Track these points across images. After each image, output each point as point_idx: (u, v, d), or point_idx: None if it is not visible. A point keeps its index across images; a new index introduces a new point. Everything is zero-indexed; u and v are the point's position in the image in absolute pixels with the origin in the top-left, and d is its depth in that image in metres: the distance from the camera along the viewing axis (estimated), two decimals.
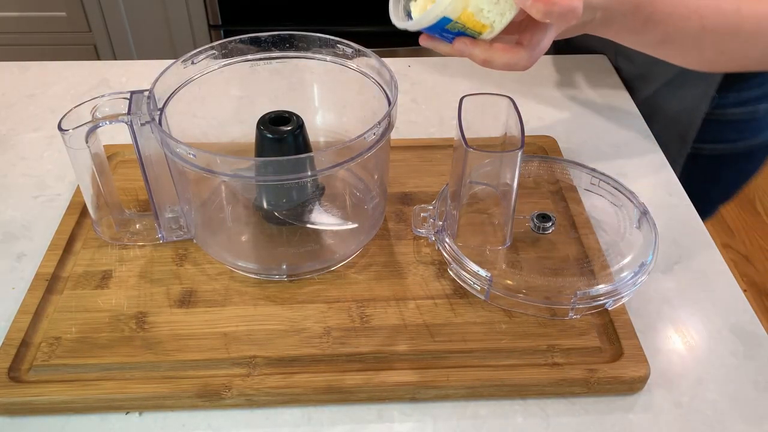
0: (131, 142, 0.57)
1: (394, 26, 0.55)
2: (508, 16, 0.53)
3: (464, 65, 0.95)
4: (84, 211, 0.67)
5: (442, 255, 0.62)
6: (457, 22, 0.53)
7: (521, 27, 0.56)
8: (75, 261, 0.63)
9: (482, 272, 0.58)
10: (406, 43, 1.31)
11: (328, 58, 0.64)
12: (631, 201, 0.65)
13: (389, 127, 0.57)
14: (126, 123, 0.56)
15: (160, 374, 0.53)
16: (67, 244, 0.64)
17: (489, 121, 0.70)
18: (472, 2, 0.51)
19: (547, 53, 0.63)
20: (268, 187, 0.60)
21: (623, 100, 0.88)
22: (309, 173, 0.55)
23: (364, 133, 0.53)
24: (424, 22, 0.53)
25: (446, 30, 0.54)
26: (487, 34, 0.54)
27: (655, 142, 0.81)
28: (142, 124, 0.56)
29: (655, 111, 0.87)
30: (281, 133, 0.58)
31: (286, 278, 0.60)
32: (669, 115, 0.87)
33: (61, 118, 0.55)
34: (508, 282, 0.59)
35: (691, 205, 0.71)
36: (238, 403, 0.53)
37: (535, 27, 0.55)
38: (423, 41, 0.57)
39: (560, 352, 0.55)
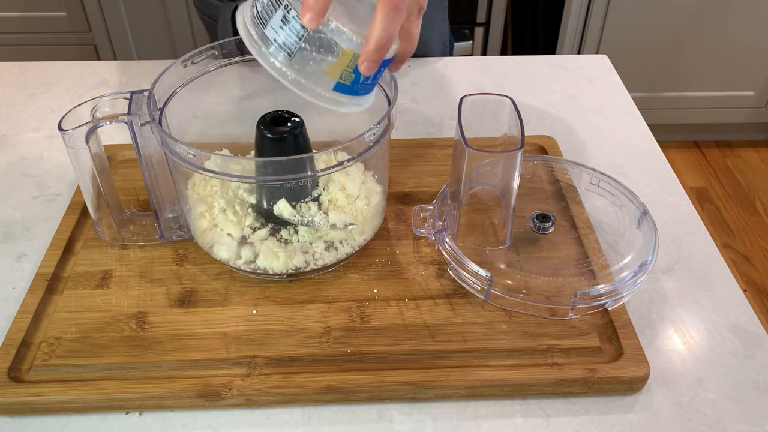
0: (131, 142, 0.57)
1: None
2: (344, 31, 0.49)
3: (464, 65, 0.95)
4: (84, 211, 0.67)
5: (442, 255, 0.62)
6: (344, 70, 0.51)
7: None
8: (75, 261, 0.63)
9: (482, 272, 0.58)
10: None
11: None
12: (631, 201, 0.65)
13: (389, 127, 0.57)
14: (126, 123, 0.56)
15: (160, 374, 0.53)
16: (67, 244, 0.64)
17: (489, 121, 0.70)
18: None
19: (547, 52, 0.63)
20: (268, 187, 0.60)
21: (623, 100, 0.88)
22: (309, 173, 0.55)
23: (364, 133, 0.53)
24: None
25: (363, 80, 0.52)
26: (357, 48, 0.50)
27: (655, 142, 0.81)
28: (142, 124, 0.56)
29: None
30: (281, 133, 0.58)
31: (286, 278, 0.61)
32: None
33: (61, 118, 0.55)
34: (508, 282, 0.59)
35: (692, 205, 0.71)
36: (238, 403, 0.53)
37: None
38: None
39: (560, 352, 0.55)
